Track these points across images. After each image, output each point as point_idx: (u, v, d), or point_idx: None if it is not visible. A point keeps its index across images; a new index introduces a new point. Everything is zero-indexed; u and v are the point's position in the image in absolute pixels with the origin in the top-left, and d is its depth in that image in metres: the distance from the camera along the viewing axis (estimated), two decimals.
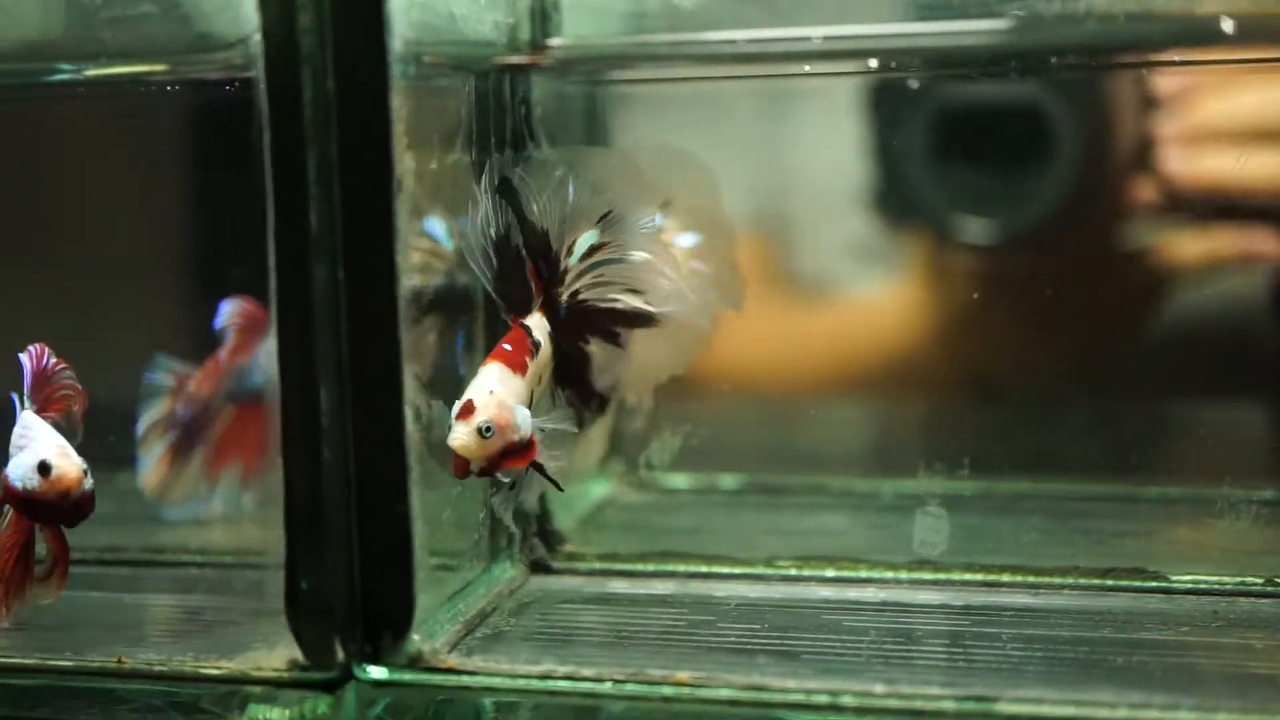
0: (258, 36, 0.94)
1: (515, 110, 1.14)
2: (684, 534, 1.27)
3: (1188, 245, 1.32)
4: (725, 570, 1.18)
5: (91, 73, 1.08)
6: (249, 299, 1.28)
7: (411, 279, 0.97)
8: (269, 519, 1.28)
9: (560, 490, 1.00)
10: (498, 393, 0.95)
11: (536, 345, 0.99)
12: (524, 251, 0.98)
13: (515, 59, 1.12)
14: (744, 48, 1.19)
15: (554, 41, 1.17)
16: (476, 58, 1.08)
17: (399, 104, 0.94)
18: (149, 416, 1.26)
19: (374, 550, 0.98)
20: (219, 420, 1.30)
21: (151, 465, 1.27)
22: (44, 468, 1.00)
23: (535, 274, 0.99)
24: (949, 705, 0.91)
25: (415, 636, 0.99)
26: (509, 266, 0.99)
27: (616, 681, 0.95)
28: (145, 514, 1.26)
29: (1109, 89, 1.32)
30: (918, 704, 0.92)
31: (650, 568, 1.19)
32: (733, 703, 0.94)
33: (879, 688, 0.93)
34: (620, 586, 1.17)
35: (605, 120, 1.35)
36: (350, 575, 0.98)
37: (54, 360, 1.04)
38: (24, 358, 1.03)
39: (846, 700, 0.93)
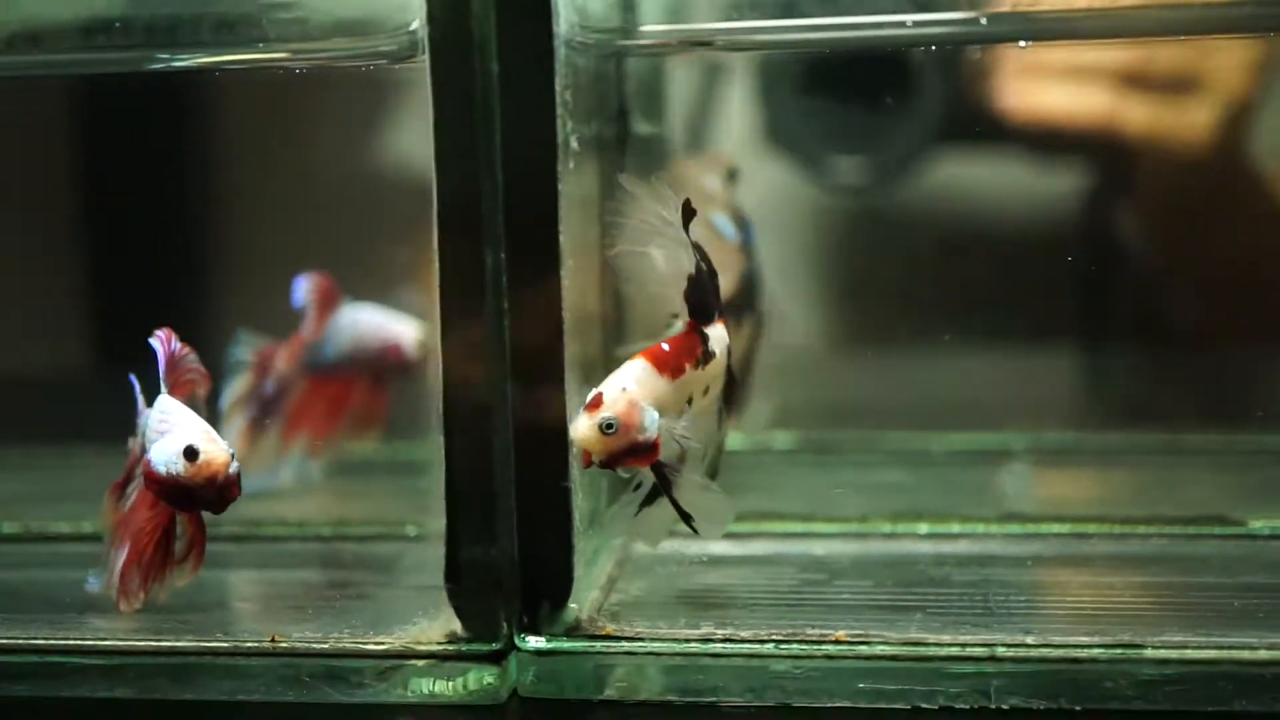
0: (419, 21, 0.94)
1: (620, 87, 1.16)
2: (763, 493, 1.30)
3: None
4: (821, 529, 1.22)
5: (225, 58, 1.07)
6: (323, 274, 1.29)
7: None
8: (345, 490, 1.31)
9: (695, 533, 0.99)
10: (630, 390, 0.93)
11: (708, 355, 0.97)
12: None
13: (638, 42, 1.13)
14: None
15: (653, 27, 1.18)
16: (600, 40, 1.09)
17: (560, 87, 0.96)
18: (232, 392, 1.27)
19: (535, 523, 1.00)
20: (293, 393, 1.31)
21: (233, 440, 1.27)
22: (191, 452, 0.99)
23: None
24: (1099, 653, 0.96)
25: (573, 605, 1.01)
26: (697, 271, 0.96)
27: (778, 642, 0.99)
28: None
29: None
30: (1071, 652, 0.96)
31: (747, 528, 1.22)
32: (894, 658, 0.97)
33: (1029, 639, 0.98)
34: (723, 548, 1.20)
35: (666, 91, 1.37)
36: (511, 548, 1.00)
37: (180, 345, 1.04)
38: (155, 342, 1.03)
39: (1001, 651, 0.97)
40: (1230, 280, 1.41)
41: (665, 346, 0.96)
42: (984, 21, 1.12)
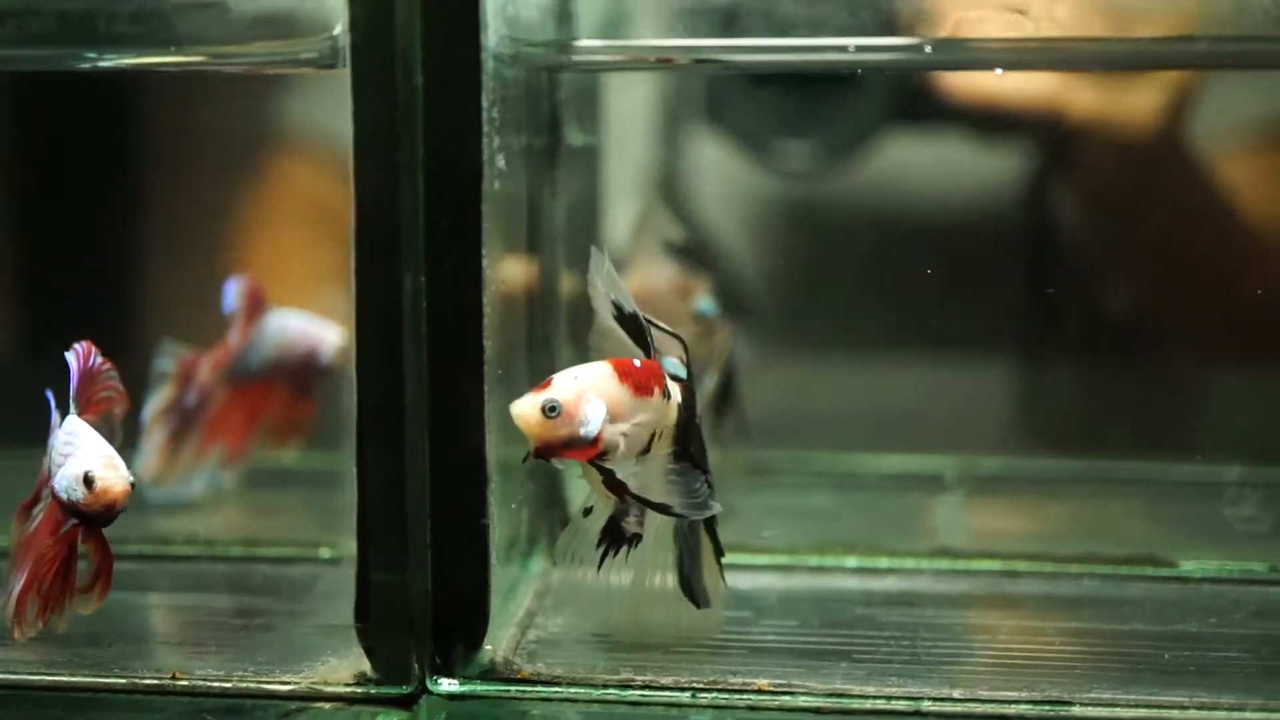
0: (340, 29, 0.90)
1: (551, 97, 1.12)
2: None
3: None
4: (747, 561, 1.19)
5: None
6: (251, 279, 1.25)
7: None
8: (253, 503, 1.27)
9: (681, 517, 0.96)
10: (582, 381, 0.91)
11: (667, 393, 0.94)
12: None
13: (567, 58, 1.10)
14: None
15: (585, 42, 1.14)
16: (531, 51, 1.05)
17: (487, 103, 0.92)
18: (154, 403, 1.23)
19: (450, 561, 0.96)
20: (214, 402, 1.27)
21: (152, 453, 1.24)
22: (88, 480, 0.95)
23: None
24: (1028, 709, 0.94)
25: (488, 646, 0.97)
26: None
27: (697, 690, 0.95)
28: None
29: None
30: (998, 709, 0.94)
31: None
32: (817, 710, 0.94)
33: (956, 692, 0.95)
34: None
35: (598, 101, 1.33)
36: (424, 587, 0.96)
37: (100, 360, 0.99)
38: (70, 356, 0.98)
39: (927, 705, 0.94)
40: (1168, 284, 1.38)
41: (636, 362, 0.93)
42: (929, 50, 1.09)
